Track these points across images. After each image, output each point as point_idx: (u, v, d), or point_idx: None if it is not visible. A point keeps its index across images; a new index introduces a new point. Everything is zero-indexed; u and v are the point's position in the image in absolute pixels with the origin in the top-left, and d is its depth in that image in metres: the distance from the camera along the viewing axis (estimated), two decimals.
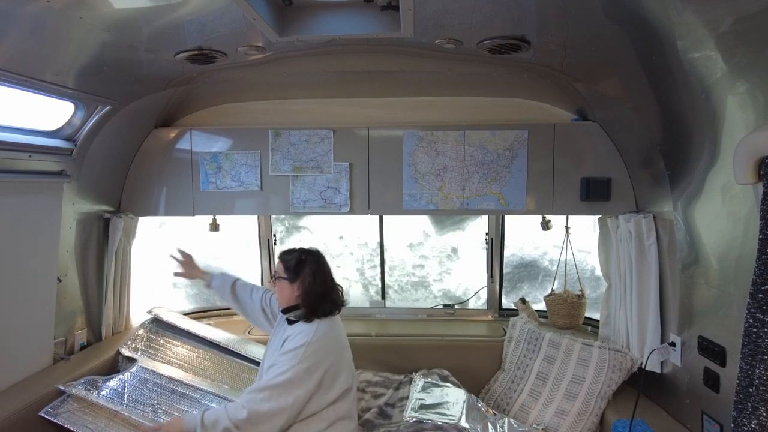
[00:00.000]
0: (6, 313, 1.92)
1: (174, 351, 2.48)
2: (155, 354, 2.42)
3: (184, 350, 2.50)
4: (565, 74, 2.18)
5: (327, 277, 2.01)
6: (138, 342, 2.45)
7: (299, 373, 1.77)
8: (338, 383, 1.87)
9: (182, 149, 2.61)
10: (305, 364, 1.78)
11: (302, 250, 2.05)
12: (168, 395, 2.20)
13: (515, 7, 1.53)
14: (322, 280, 1.98)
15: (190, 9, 1.49)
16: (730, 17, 1.24)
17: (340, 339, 1.98)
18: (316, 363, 1.81)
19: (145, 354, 2.40)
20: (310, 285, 1.94)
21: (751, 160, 1.22)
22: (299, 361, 1.78)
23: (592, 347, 2.33)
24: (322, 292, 1.95)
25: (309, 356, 1.80)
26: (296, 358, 1.79)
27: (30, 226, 2.00)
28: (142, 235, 2.72)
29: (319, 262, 2.01)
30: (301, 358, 1.79)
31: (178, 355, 2.46)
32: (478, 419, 2.14)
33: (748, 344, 1.21)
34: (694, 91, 1.57)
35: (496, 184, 2.50)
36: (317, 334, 1.86)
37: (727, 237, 1.62)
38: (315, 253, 2.05)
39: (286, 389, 1.74)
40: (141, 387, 2.18)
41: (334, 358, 1.88)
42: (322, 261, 2.04)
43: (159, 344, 2.49)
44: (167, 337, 2.53)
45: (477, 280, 3.25)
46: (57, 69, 1.72)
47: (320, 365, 1.82)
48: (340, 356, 1.92)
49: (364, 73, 2.37)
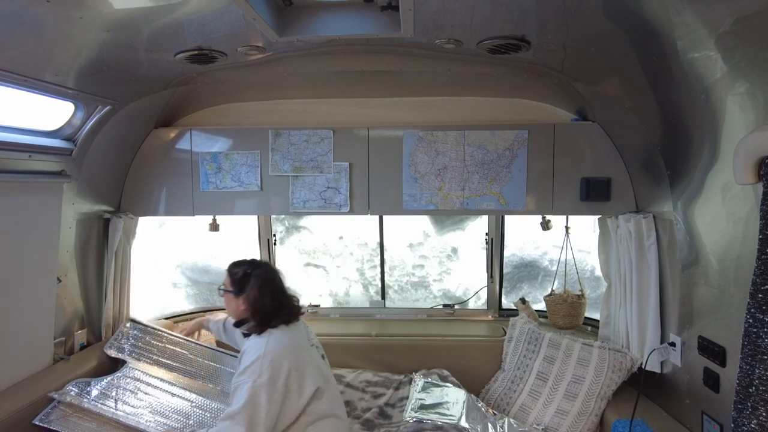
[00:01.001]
0: (6, 313, 1.92)
1: (160, 349, 2.46)
2: (140, 355, 2.40)
3: (170, 347, 2.49)
4: (565, 74, 2.18)
5: (275, 291, 1.98)
6: (122, 340, 2.43)
7: (261, 387, 1.75)
8: (306, 386, 1.85)
9: (182, 149, 2.61)
10: (264, 377, 1.76)
11: (251, 262, 2.03)
12: (159, 396, 2.19)
13: (515, 7, 1.53)
14: (270, 294, 1.95)
15: (190, 9, 1.49)
16: (730, 17, 1.24)
17: (298, 343, 1.95)
18: (274, 373, 1.78)
19: (131, 354, 2.38)
20: (256, 300, 1.93)
21: (751, 160, 1.22)
22: (258, 376, 1.76)
23: (592, 347, 2.33)
24: (271, 307, 1.93)
25: (266, 369, 1.78)
26: (254, 374, 1.77)
27: (30, 226, 2.00)
28: (142, 235, 2.72)
29: (266, 276, 1.98)
30: (259, 372, 1.77)
31: (164, 353, 2.45)
32: (478, 419, 2.14)
33: (748, 344, 1.21)
34: (694, 91, 1.57)
35: (496, 184, 2.50)
36: (269, 346, 1.84)
37: (727, 237, 1.62)
38: (263, 266, 2.03)
39: (254, 407, 1.72)
40: (132, 390, 2.16)
41: (293, 363, 1.84)
42: (270, 274, 2.01)
43: (144, 342, 2.47)
44: (151, 337, 2.50)
45: (477, 280, 3.25)
46: (57, 69, 1.72)
47: (280, 373, 1.79)
48: (300, 359, 1.89)
49: (364, 73, 2.37)
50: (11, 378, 1.97)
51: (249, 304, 1.95)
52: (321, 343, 2.11)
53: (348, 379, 2.53)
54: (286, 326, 1.94)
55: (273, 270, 2.06)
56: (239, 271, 2.00)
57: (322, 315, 3.15)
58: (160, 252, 3.65)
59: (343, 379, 2.52)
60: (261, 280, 1.96)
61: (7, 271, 1.92)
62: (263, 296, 1.93)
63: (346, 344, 2.73)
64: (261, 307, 1.93)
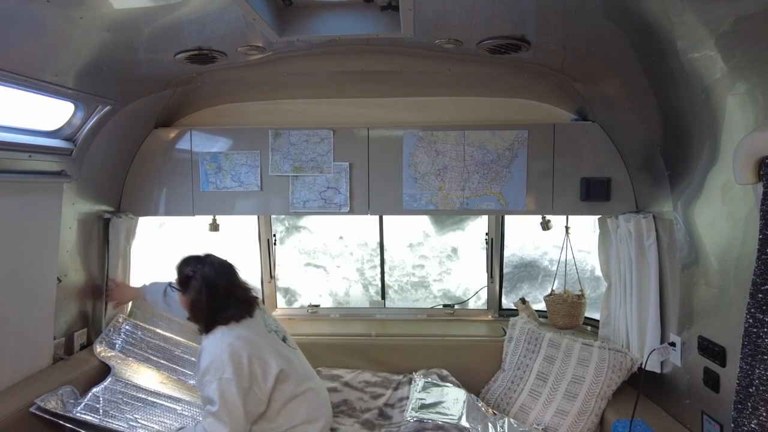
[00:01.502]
0: (6, 313, 1.92)
1: (151, 346, 2.46)
2: (129, 351, 2.38)
3: (161, 344, 2.49)
4: (565, 74, 2.18)
5: (219, 292, 1.95)
6: (114, 335, 2.41)
7: (229, 382, 1.78)
8: (270, 371, 1.88)
9: (182, 149, 2.61)
10: (228, 372, 1.79)
11: (196, 260, 2.01)
12: (145, 408, 2.16)
13: (515, 7, 1.53)
14: (213, 294, 1.93)
15: (190, 9, 1.49)
16: (730, 17, 1.24)
17: (253, 332, 1.97)
18: (236, 365, 1.82)
19: (122, 349, 2.36)
20: (193, 303, 1.94)
21: (751, 160, 1.22)
22: (222, 373, 1.79)
23: (592, 347, 2.33)
24: (209, 310, 1.93)
25: (227, 364, 1.80)
26: (218, 371, 1.80)
27: (30, 226, 2.00)
28: (141, 235, 2.72)
29: (208, 277, 1.95)
30: (222, 368, 1.80)
31: (155, 350, 2.44)
32: (479, 419, 2.14)
33: (748, 344, 1.21)
34: (694, 91, 1.57)
35: (496, 184, 2.50)
36: (224, 341, 1.86)
37: (727, 237, 1.62)
38: (208, 264, 1.99)
39: (229, 403, 1.76)
40: (116, 401, 2.12)
41: (251, 351, 1.87)
42: (215, 274, 1.97)
43: (136, 338, 2.45)
44: (143, 332, 2.49)
45: (477, 280, 3.25)
46: (57, 69, 1.72)
47: (242, 364, 1.83)
48: (257, 346, 1.91)
49: (364, 73, 2.37)
50: (11, 378, 1.96)
51: (189, 305, 1.97)
52: (321, 343, 2.12)
53: (347, 379, 2.53)
54: (236, 323, 1.94)
55: (220, 268, 2.01)
56: (184, 270, 2.00)
57: (322, 315, 3.15)
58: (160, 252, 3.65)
59: (342, 379, 2.52)
60: (202, 282, 1.94)
61: (7, 271, 1.92)
62: (200, 299, 1.93)
63: (346, 344, 2.73)
64: (198, 310, 1.94)
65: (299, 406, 1.95)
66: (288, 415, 1.93)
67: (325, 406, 2.11)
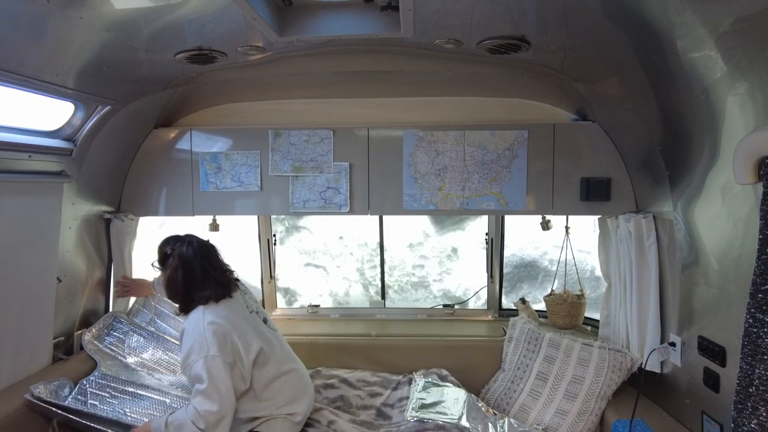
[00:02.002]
0: (5, 313, 1.92)
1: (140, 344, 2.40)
2: (115, 350, 2.33)
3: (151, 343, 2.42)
4: (565, 74, 2.18)
5: (195, 271, 1.95)
6: (103, 331, 2.37)
7: (214, 359, 1.80)
8: (252, 350, 1.92)
9: (182, 149, 2.61)
10: (213, 349, 1.82)
11: (175, 239, 2.03)
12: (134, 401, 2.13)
13: (515, 7, 1.53)
14: (186, 274, 1.93)
15: (190, 9, 1.49)
16: (730, 17, 1.24)
17: (234, 312, 1.99)
18: (221, 343, 1.84)
19: (109, 345, 2.32)
20: (171, 279, 1.94)
21: (751, 160, 1.22)
22: (207, 351, 1.81)
23: (592, 347, 2.33)
24: (185, 288, 1.93)
25: (212, 342, 1.82)
26: (203, 350, 1.82)
27: (30, 226, 2.00)
28: (142, 235, 2.72)
29: (185, 254, 1.95)
30: (207, 346, 1.82)
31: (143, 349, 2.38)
32: (479, 419, 2.14)
33: (748, 344, 1.22)
34: (694, 91, 1.57)
35: (496, 184, 2.50)
36: (206, 319, 1.88)
37: (727, 237, 1.62)
38: (187, 243, 1.99)
39: (217, 379, 1.79)
40: (104, 395, 2.09)
41: (233, 329, 1.90)
42: (190, 252, 1.96)
43: (123, 334, 2.40)
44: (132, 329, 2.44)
45: (477, 280, 3.25)
46: (57, 69, 1.72)
47: (226, 341, 1.85)
48: (239, 326, 1.94)
49: (364, 73, 2.37)
50: (10, 378, 1.96)
51: (165, 283, 1.98)
52: (321, 343, 2.13)
53: (345, 377, 2.53)
54: (215, 303, 1.95)
55: (198, 247, 2.00)
56: (164, 249, 2.03)
57: (322, 315, 3.15)
58: None
59: (340, 377, 2.52)
60: (179, 259, 1.95)
61: (7, 271, 1.92)
62: (176, 277, 1.93)
63: (346, 344, 2.73)
64: (174, 287, 1.95)
65: (283, 386, 2.00)
66: (273, 395, 1.97)
67: (308, 385, 2.16)
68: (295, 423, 2.02)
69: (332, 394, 2.41)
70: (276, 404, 1.98)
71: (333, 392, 2.42)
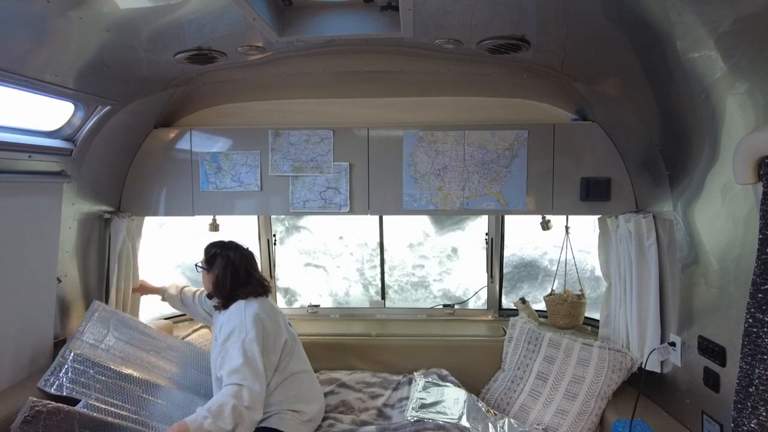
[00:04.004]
0: (5, 314, 1.92)
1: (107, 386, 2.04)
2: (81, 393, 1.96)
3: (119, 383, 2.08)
4: (565, 74, 2.18)
5: (239, 272, 2.18)
6: (60, 374, 1.98)
7: (252, 342, 1.94)
8: (279, 343, 2.08)
9: (182, 149, 2.61)
10: (251, 334, 1.97)
11: (223, 244, 2.26)
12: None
13: (515, 7, 1.53)
14: (233, 273, 2.16)
15: (190, 9, 1.49)
16: (730, 17, 1.24)
17: (270, 307, 2.18)
18: (258, 329, 1.99)
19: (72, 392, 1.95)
20: (218, 277, 2.17)
21: (751, 160, 1.23)
22: (246, 334, 1.96)
23: (592, 347, 2.33)
24: (231, 285, 2.15)
25: (250, 327, 1.98)
26: (242, 333, 1.97)
27: (30, 226, 2.00)
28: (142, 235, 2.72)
29: (231, 257, 2.20)
30: (246, 330, 1.97)
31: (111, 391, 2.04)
32: (479, 419, 2.15)
33: (748, 344, 1.22)
34: (694, 91, 1.57)
35: (496, 184, 2.50)
36: (248, 310, 2.06)
37: (727, 237, 1.62)
38: (233, 248, 2.24)
39: (252, 360, 1.90)
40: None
41: (268, 321, 2.07)
42: (236, 256, 2.21)
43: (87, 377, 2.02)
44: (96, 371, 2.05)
45: (477, 280, 3.25)
46: (57, 69, 1.72)
47: (263, 329, 2.01)
48: (273, 318, 2.12)
49: (364, 73, 2.37)
50: (10, 378, 1.96)
51: (214, 280, 2.18)
52: (321, 343, 2.16)
53: (344, 380, 2.53)
54: (254, 298, 2.14)
55: (242, 253, 2.24)
56: (211, 250, 2.24)
57: (322, 315, 3.15)
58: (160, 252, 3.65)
59: (339, 381, 2.52)
60: (226, 260, 2.18)
61: (7, 271, 1.92)
62: (225, 276, 2.16)
63: (346, 344, 2.73)
64: (222, 285, 2.16)
65: (296, 384, 2.11)
66: (284, 392, 2.06)
67: (319, 391, 2.29)
68: (302, 421, 2.07)
69: (333, 400, 2.42)
70: (286, 401, 2.06)
71: (334, 398, 2.43)
